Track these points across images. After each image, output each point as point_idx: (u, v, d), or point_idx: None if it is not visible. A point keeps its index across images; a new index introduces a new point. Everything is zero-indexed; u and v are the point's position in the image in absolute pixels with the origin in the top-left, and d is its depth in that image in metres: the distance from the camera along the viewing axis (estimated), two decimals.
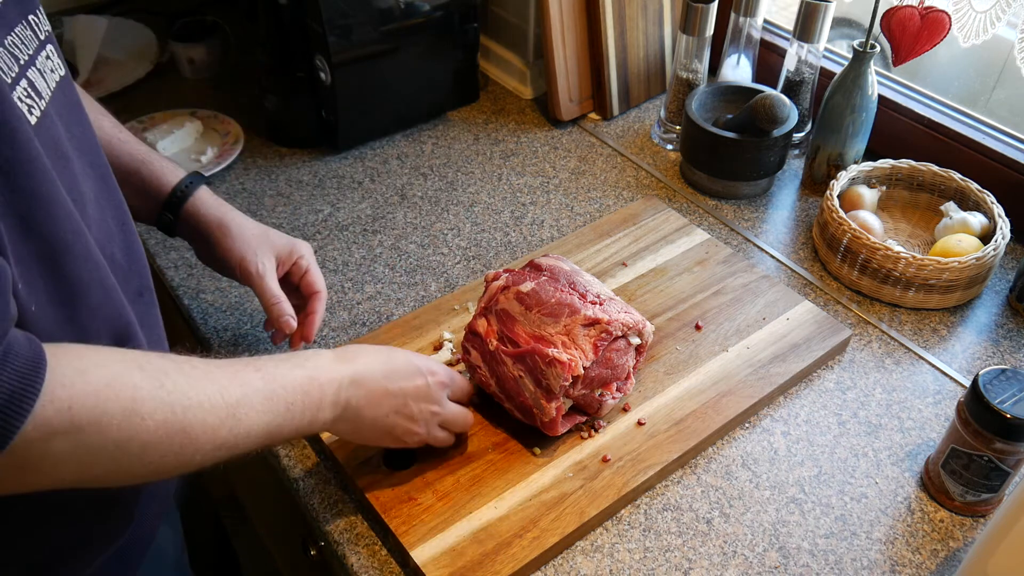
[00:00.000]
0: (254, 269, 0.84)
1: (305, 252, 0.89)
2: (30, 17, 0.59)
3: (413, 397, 0.74)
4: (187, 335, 1.03)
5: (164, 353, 0.59)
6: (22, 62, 0.56)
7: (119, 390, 0.52)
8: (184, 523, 0.93)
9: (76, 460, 0.52)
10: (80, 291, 0.59)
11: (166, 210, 0.85)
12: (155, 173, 0.84)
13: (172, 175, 0.85)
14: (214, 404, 0.58)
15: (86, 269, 0.59)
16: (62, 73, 0.63)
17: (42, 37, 0.60)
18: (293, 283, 0.90)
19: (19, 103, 0.54)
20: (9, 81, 0.53)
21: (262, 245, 0.86)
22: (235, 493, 1.50)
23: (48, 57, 0.60)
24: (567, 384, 0.77)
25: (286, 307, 0.85)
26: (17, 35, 0.56)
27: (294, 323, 0.85)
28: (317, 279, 0.89)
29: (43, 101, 0.57)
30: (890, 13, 1.06)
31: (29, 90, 0.56)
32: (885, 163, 1.13)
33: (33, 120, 0.55)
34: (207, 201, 0.86)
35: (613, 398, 0.83)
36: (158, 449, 0.55)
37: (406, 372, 0.74)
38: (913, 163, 1.12)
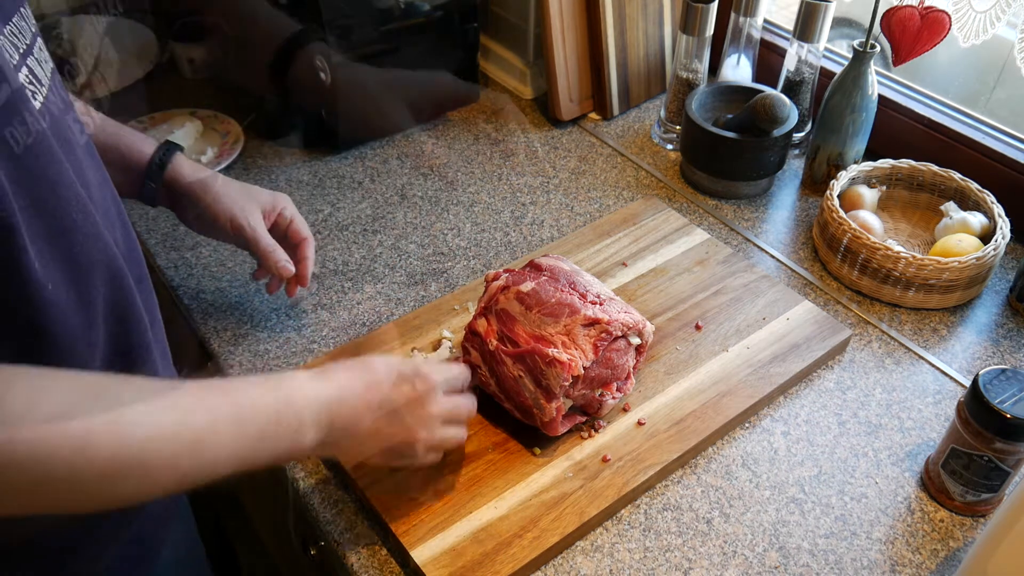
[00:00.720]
0: (245, 223, 0.88)
1: (287, 203, 0.93)
2: (22, 9, 0.59)
3: (404, 405, 0.70)
4: (187, 335, 1.03)
5: (126, 377, 0.56)
6: (21, 50, 0.56)
7: (69, 423, 0.49)
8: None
9: (23, 492, 0.50)
10: (90, 272, 0.59)
11: (148, 179, 0.86)
12: (131, 146, 0.86)
13: (147, 145, 0.87)
14: (175, 434, 0.55)
15: (96, 249, 0.59)
16: (51, 66, 0.63)
17: (33, 29, 0.60)
18: (279, 234, 0.93)
19: (25, 87, 0.54)
20: (13, 67, 0.54)
21: (248, 201, 0.89)
22: (235, 493, 1.50)
23: (40, 49, 0.61)
24: (567, 384, 0.77)
25: (281, 254, 0.89)
26: (15, 24, 0.57)
27: (291, 267, 0.89)
28: (302, 227, 0.94)
29: (44, 88, 0.58)
30: (890, 13, 1.06)
31: (31, 76, 0.56)
32: (885, 163, 1.13)
33: (37, 105, 0.55)
34: (185, 165, 0.88)
35: (613, 398, 0.83)
36: (112, 482, 0.52)
37: (388, 381, 0.69)
38: (913, 163, 1.12)
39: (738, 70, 1.26)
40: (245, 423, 0.59)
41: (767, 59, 1.32)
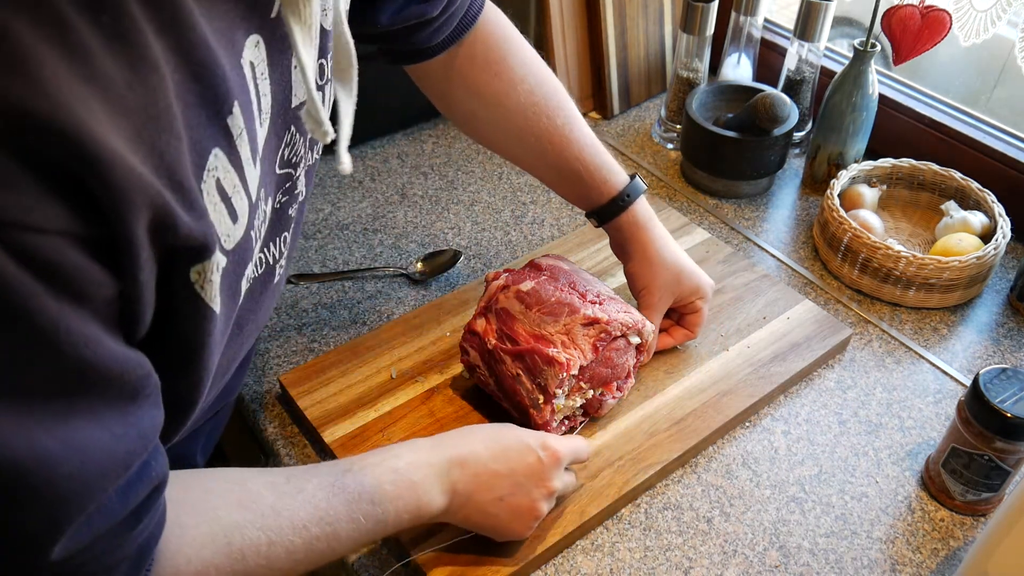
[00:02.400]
0: (649, 304, 0.87)
1: (705, 296, 0.89)
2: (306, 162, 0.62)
3: (527, 477, 0.69)
4: None
5: (256, 494, 0.58)
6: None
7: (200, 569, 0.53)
8: None
9: None
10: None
11: (593, 215, 0.89)
12: (595, 182, 0.86)
13: (610, 187, 0.86)
14: (292, 551, 0.57)
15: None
16: (301, 199, 0.64)
17: (304, 172, 0.63)
18: (675, 311, 0.91)
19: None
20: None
21: (667, 286, 0.87)
22: None
23: (300, 191, 0.63)
24: (563, 381, 0.77)
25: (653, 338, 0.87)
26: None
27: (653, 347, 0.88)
28: (695, 324, 0.90)
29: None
30: (891, 12, 1.06)
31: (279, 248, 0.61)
32: (885, 162, 1.13)
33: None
34: (635, 220, 0.87)
35: (613, 398, 0.83)
36: None
37: (517, 450, 0.69)
38: (914, 162, 1.12)
39: (738, 69, 1.26)
40: (362, 515, 0.61)
41: (767, 58, 1.32)
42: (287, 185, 0.58)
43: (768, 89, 1.15)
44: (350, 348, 0.91)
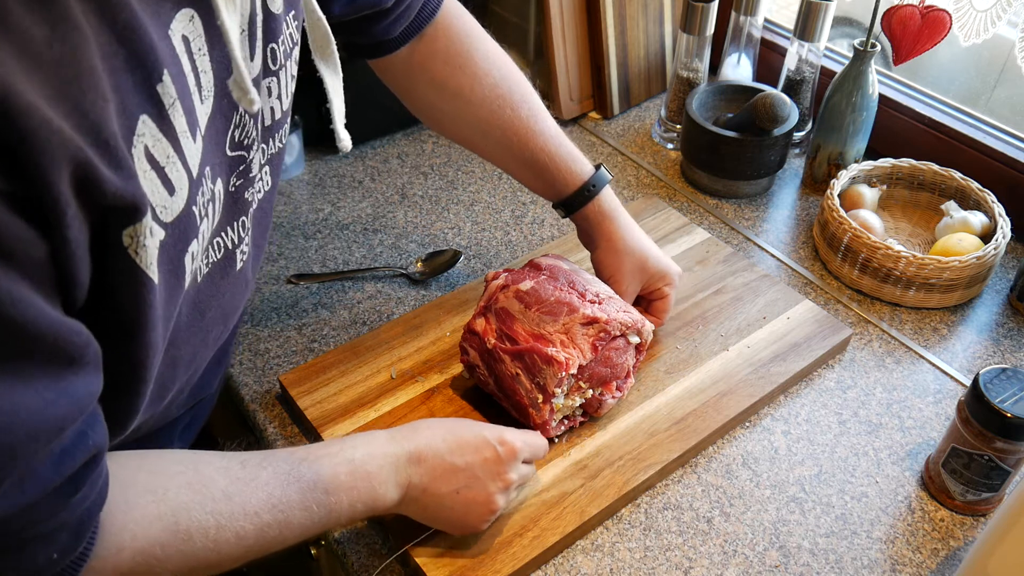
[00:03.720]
0: (616, 292, 0.87)
1: (671, 282, 0.91)
2: (262, 147, 0.62)
3: (483, 470, 0.69)
4: None
5: (208, 478, 0.58)
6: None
7: (147, 557, 0.54)
8: None
9: None
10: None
11: (560, 207, 0.90)
12: (560, 173, 0.87)
13: (576, 177, 0.88)
14: (242, 536, 0.58)
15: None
16: (267, 189, 0.66)
17: (263, 162, 0.63)
18: (643, 298, 0.92)
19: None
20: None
21: (633, 273, 0.89)
22: None
23: (261, 178, 0.64)
24: (562, 381, 0.77)
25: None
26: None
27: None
28: (661, 311, 0.92)
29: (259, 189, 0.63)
30: (891, 12, 1.06)
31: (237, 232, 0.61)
32: (886, 162, 1.13)
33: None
34: (601, 209, 0.88)
35: (613, 397, 0.83)
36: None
37: (474, 444, 0.70)
38: (914, 162, 1.12)
39: (738, 69, 1.26)
40: (315, 504, 0.62)
41: (768, 58, 1.32)
42: (240, 168, 0.58)
43: (768, 89, 1.15)
44: (350, 348, 0.91)
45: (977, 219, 1.04)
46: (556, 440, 0.83)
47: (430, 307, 0.96)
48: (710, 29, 1.18)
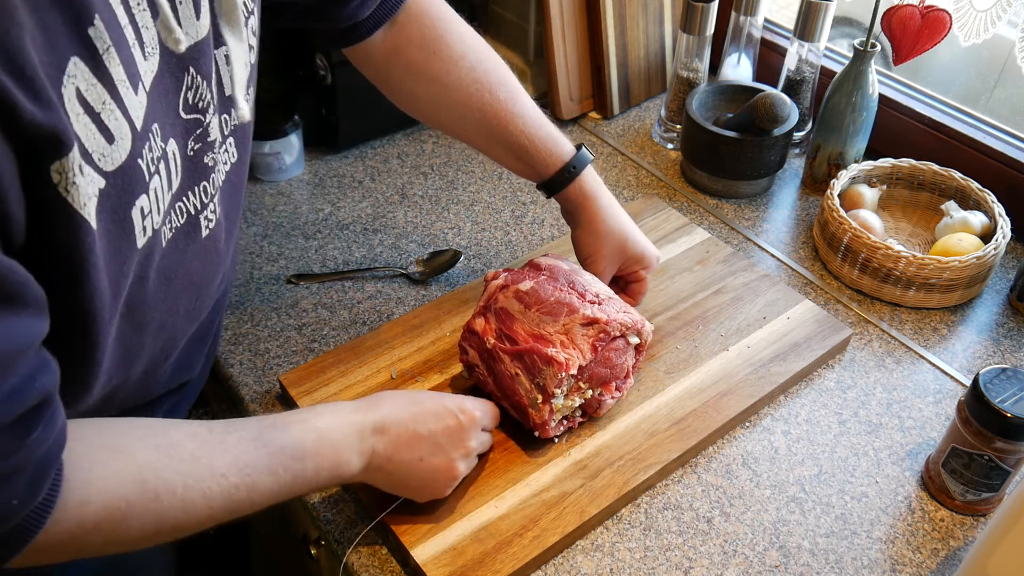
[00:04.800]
0: (593, 272, 0.89)
1: (648, 265, 0.92)
2: (223, 118, 0.63)
3: (445, 438, 0.72)
4: None
5: (174, 441, 0.59)
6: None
7: (111, 513, 0.54)
8: None
9: (62, 557, 0.55)
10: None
11: (542, 188, 0.91)
12: (541, 155, 0.88)
13: (557, 158, 0.88)
14: (209, 497, 0.58)
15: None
16: (233, 161, 0.66)
17: (226, 133, 0.64)
18: (621, 279, 0.94)
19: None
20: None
21: (612, 254, 0.90)
22: None
23: (226, 150, 0.65)
24: (562, 381, 0.77)
25: None
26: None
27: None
28: (637, 293, 0.93)
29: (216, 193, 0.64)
30: (891, 12, 1.06)
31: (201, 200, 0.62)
32: (886, 162, 1.13)
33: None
34: (583, 189, 0.89)
35: (612, 397, 0.83)
36: (148, 540, 0.58)
37: (435, 413, 0.72)
38: (914, 162, 1.12)
39: (738, 69, 1.26)
40: (280, 470, 0.63)
41: (768, 58, 1.32)
42: (198, 131, 0.59)
43: (768, 89, 1.15)
44: (350, 348, 0.91)
45: (977, 219, 1.04)
46: (556, 440, 0.83)
47: (430, 307, 0.96)
48: (710, 29, 1.18)
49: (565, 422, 0.82)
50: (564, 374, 0.76)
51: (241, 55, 0.62)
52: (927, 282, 0.99)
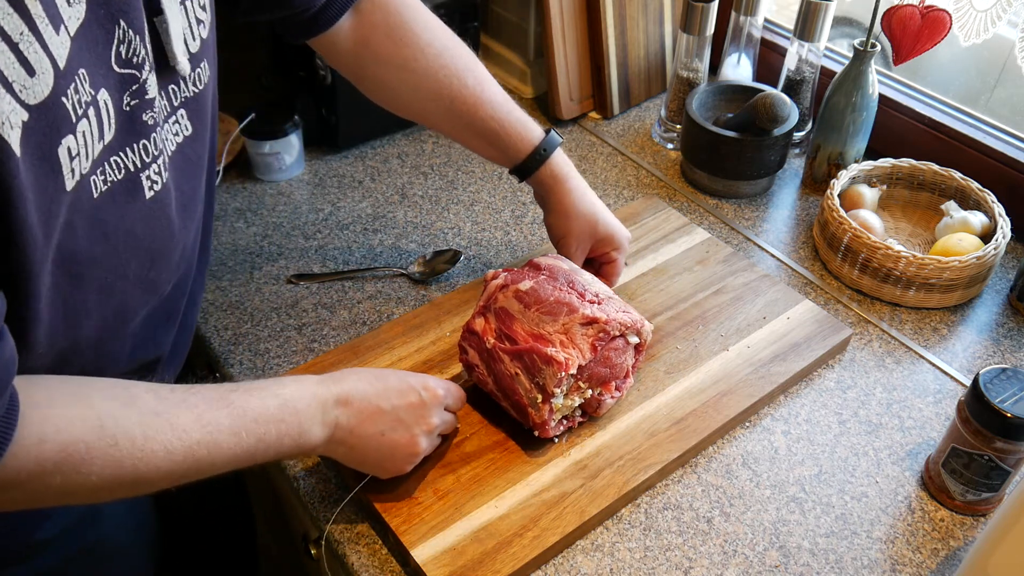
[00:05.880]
0: (566, 254, 0.92)
1: (620, 246, 0.94)
2: (171, 88, 0.64)
3: (408, 414, 0.73)
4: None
5: (135, 396, 0.60)
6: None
7: (70, 455, 0.54)
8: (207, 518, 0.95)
9: (20, 502, 0.56)
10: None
11: (515, 172, 0.93)
12: (511, 139, 0.90)
13: (527, 142, 0.90)
14: (170, 451, 0.59)
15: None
16: (187, 134, 0.67)
17: (176, 103, 0.65)
18: (595, 261, 0.96)
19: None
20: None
21: (583, 236, 0.92)
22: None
23: (176, 121, 0.65)
24: (561, 381, 0.77)
25: None
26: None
27: None
28: (612, 273, 0.95)
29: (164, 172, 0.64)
30: (891, 12, 1.06)
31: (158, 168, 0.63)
32: (886, 162, 1.13)
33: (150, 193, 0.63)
34: (553, 173, 0.91)
35: (612, 397, 0.83)
36: (107, 492, 0.58)
37: (399, 389, 0.73)
38: (914, 162, 1.12)
39: (739, 69, 1.26)
40: (243, 432, 0.63)
41: (768, 58, 1.32)
42: (134, 87, 0.59)
43: (768, 89, 1.15)
44: (350, 348, 0.91)
45: (977, 219, 1.04)
46: (556, 440, 0.83)
47: (430, 307, 0.96)
48: (710, 29, 1.18)
49: (565, 422, 0.82)
50: (564, 374, 0.76)
51: (178, 21, 0.63)
52: (927, 282, 0.99)
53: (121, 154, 0.60)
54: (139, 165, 0.62)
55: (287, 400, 0.66)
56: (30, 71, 0.49)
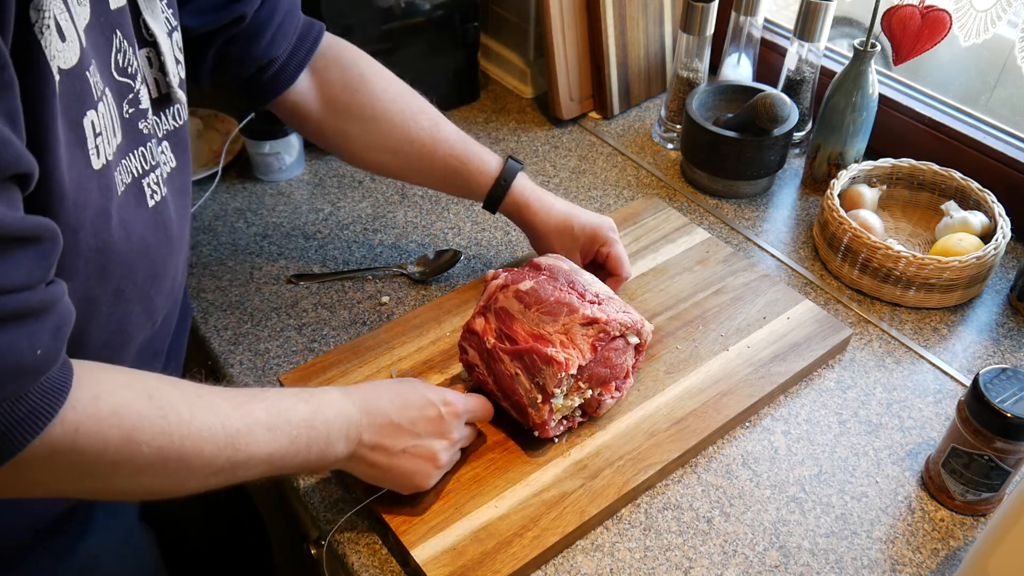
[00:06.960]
0: None
1: (608, 235, 0.94)
2: (160, 113, 0.66)
3: (427, 429, 0.73)
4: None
5: (175, 380, 0.60)
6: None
7: (123, 418, 0.54)
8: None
9: (70, 475, 0.55)
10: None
11: (486, 207, 0.96)
12: (472, 174, 0.93)
13: (487, 176, 0.93)
14: (214, 434, 0.59)
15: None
16: (172, 166, 0.68)
17: (160, 134, 0.66)
18: (598, 263, 0.96)
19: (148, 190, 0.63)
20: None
21: (565, 242, 0.94)
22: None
23: (163, 152, 0.66)
24: (562, 381, 0.77)
25: None
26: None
27: None
28: (617, 264, 0.94)
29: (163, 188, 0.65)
30: (891, 12, 1.06)
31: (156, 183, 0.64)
32: (886, 162, 1.13)
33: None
34: (516, 200, 0.94)
35: (612, 397, 0.83)
36: (152, 472, 0.57)
37: (418, 404, 0.73)
38: (914, 162, 1.12)
39: (738, 69, 1.26)
40: (278, 429, 0.63)
41: (768, 58, 1.32)
42: (130, 96, 0.60)
43: (768, 89, 1.15)
44: (350, 348, 0.91)
45: (977, 219, 1.04)
46: (556, 440, 0.83)
47: (430, 307, 0.96)
48: (710, 29, 1.18)
49: (565, 422, 0.82)
50: (564, 374, 0.76)
51: (168, 47, 0.64)
52: (927, 282, 0.99)
53: (131, 155, 0.60)
54: (141, 171, 0.62)
55: (318, 408, 0.66)
56: (62, 36, 0.50)
